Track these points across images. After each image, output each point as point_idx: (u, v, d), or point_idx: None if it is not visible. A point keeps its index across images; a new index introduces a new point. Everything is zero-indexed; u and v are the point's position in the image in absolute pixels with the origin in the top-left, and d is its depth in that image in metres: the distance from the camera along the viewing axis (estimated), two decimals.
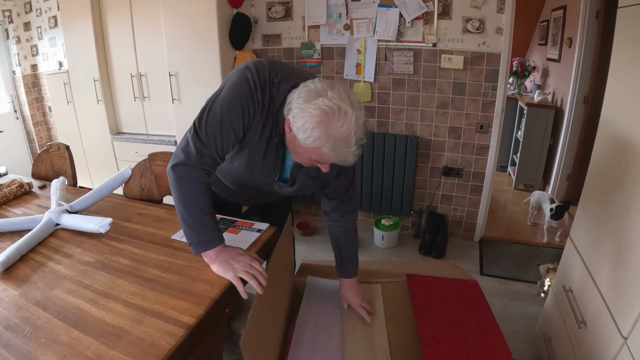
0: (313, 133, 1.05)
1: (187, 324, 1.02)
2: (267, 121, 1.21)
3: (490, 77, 2.76)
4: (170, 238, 1.46)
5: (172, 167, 1.19)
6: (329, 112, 1.04)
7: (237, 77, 1.18)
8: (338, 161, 1.12)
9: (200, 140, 1.17)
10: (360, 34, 2.94)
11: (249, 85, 1.15)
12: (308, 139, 1.07)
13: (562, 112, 3.79)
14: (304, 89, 1.10)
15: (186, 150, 1.19)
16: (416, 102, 2.99)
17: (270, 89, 1.18)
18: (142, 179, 1.86)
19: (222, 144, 1.18)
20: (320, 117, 1.04)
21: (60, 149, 2.20)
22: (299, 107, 1.07)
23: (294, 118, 1.09)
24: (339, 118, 1.04)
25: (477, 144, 2.96)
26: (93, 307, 1.10)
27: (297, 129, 1.08)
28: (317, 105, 1.04)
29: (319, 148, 1.08)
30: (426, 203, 3.28)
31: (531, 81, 4.84)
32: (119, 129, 3.71)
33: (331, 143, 1.06)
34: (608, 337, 1.26)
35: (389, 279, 1.76)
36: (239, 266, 1.19)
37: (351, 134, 1.06)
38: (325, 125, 1.04)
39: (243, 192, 1.55)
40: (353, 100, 1.08)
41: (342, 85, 1.12)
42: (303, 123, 1.06)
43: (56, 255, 1.38)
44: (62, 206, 1.62)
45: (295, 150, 1.18)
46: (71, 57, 3.63)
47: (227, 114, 1.16)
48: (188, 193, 1.19)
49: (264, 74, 1.18)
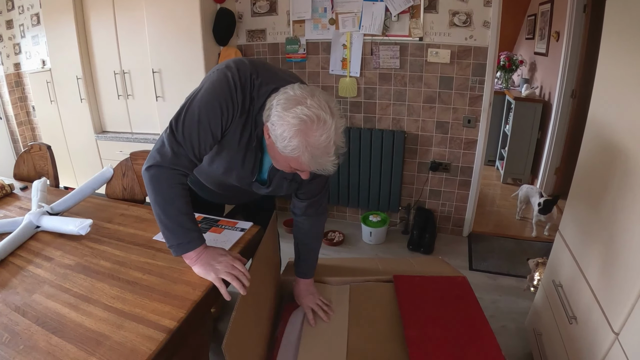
0: (291, 142, 1.02)
1: (168, 328, 1.00)
2: (247, 123, 1.18)
3: (477, 71, 2.75)
4: (152, 239, 1.44)
5: (147, 169, 1.15)
6: (308, 121, 1.01)
7: (217, 77, 1.14)
8: (317, 170, 1.09)
9: (176, 141, 1.13)
10: (345, 28, 2.91)
11: (229, 86, 1.12)
12: (286, 148, 1.04)
13: (550, 106, 3.80)
14: (283, 96, 1.06)
15: (162, 151, 1.14)
16: (403, 97, 2.98)
17: (251, 91, 1.15)
18: (125, 178, 1.83)
19: (200, 145, 1.14)
20: (298, 127, 1.01)
21: (41, 149, 2.16)
22: (278, 114, 1.04)
23: (272, 125, 1.06)
24: (317, 127, 1.01)
25: (465, 138, 2.95)
26: (72, 311, 1.08)
27: (275, 137, 1.06)
28: (295, 114, 1.01)
29: (298, 157, 1.05)
30: (414, 198, 3.28)
31: (519, 75, 4.86)
32: (103, 128, 3.65)
33: (310, 152, 1.03)
34: (599, 333, 1.25)
35: (377, 277, 1.75)
36: (220, 267, 1.17)
37: (330, 144, 1.04)
38: (303, 134, 1.01)
39: (222, 192, 1.53)
40: (333, 109, 1.06)
41: (323, 92, 1.08)
42: (281, 132, 1.03)
43: (36, 258, 1.35)
44: (43, 208, 1.58)
45: (275, 156, 1.16)
46: (54, 55, 3.56)
47: (205, 114, 1.12)
48: (164, 195, 1.15)
49: (245, 74, 1.14)
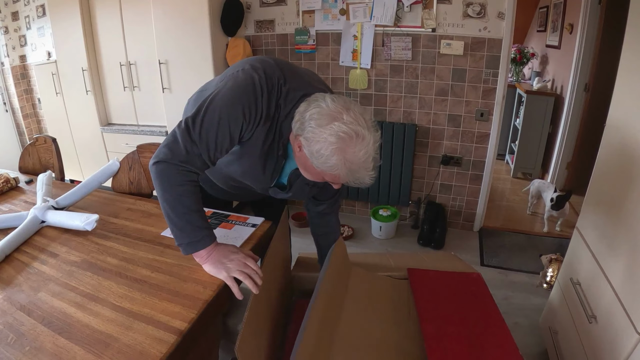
0: (330, 160, 1.00)
1: (179, 330, 0.96)
2: (270, 131, 1.14)
3: (491, 64, 2.69)
4: (160, 235, 1.40)
5: (155, 164, 1.09)
6: (346, 138, 0.98)
7: (242, 78, 1.10)
8: (354, 183, 1.07)
9: (191, 140, 1.07)
10: (356, 19, 2.85)
11: (255, 90, 1.08)
12: (324, 165, 1.02)
13: (562, 99, 3.74)
14: (315, 110, 1.02)
15: (174, 147, 1.08)
16: (414, 89, 2.92)
17: (277, 98, 1.11)
18: (131, 171, 1.79)
19: (216, 148, 1.09)
20: (337, 145, 0.98)
21: (47, 142, 2.13)
22: (312, 131, 1.01)
23: (307, 141, 1.03)
24: (356, 144, 0.99)
25: (477, 132, 2.89)
26: (79, 311, 1.04)
27: (310, 154, 1.03)
28: (332, 131, 0.98)
29: (335, 174, 1.04)
30: (425, 193, 3.22)
31: (529, 68, 4.78)
32: (109, 120, 3.63)
33: (348, 168, 1.01)
34: (621, 333, 1.21)
35: (388, 272, 1.71)
36: (232, 265, 1.13)
37: (369, 159, 1.02)
38: (342, 152, 0.99)
39: (234, 192, 1.50)
40: (369, 122, 1.02)
41: (356, 104, 1.05)
42: (318, 149, 1.00)
43: (41, 254, 1.32)
44: (48, 202, 1.55)
45: (307, 169, 1.13)
46: (59, 47, 3.54)
47: (226, 117, 1.07)
48: (173, 192, 1.09)
49: (272, 79, 1.10)
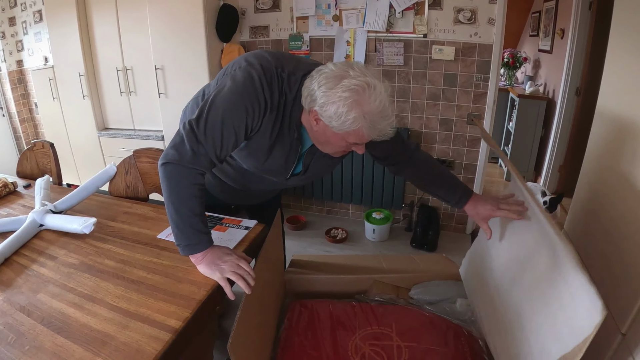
0: (349, 116, 1.03)
1: (174, 328, 0.99)
2: (278, 118, 1.18)
3: (482, 69, 2.73)
4: (156, 237, 1.43)
5: (163, 165, 1.13)
6: (360, 90, 1.02)
7: (241, 76, 1.13)
8: (377, 137, 1.10)
9: (197, 140, 1.10)
10: (349, 25, 2.90)
11: (254, 85, 1.11)
12: (345, 124, 1.05)
13: (554, 103, 3.78)
14: (321, 76, 1.06)
15: (180, 148, 1.11)
16: (407, 94, 2.96)
17: (280, 85, 1.14)
18: (128, 176, 1.82)
19: (222, 146, 1.13)
20: (352, 98, 1.02)
21: (44, 147, 2.15)
22: (324, 94, 1.04)
23: (322, 107, 1.06)
24: (370, 94, 1.02)
25: (469, 135, 2.93)
26: (77, 311, 1.07)
27: (328, 118, 1.06)
28: (344, 87, 1.02)
29: (358, 129, 1.06)
30: (417, 196, 3.26)
31: (522, 72, 4.83)
32: (106, 125, 3.65)
33: (369, 121, 1.04)
34: (606, 333, 1.23)
35: (380, 274, 1.75)
36: (226, 266, 1.16)
37: (386, 106, 1.05)
38: (359, 105, 1.02)
39: (244, 192, 1.54)
40: (375, 72, 1.07)
41: (357, 62, 1.09)
42: (335, 109, 1.03)
43: (40, 257, 1.35)
44: (46, 206, 1.57)
45: (327, 140, 1.16)
46: (56, 52, 3.55)
47: (229, 115, 1.10)
48: (179, 194, 1.13)
49: (270, 70, 1.14)
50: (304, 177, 1.38)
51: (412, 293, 1.68)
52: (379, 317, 1.52)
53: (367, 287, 1.71)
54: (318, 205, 3.60)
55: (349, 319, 1.51)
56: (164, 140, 3.31)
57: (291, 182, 1.39)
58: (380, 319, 1.51)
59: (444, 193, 1.44)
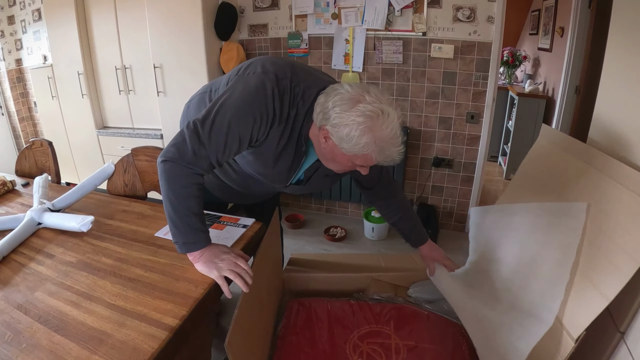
0: (360, 140, 1.04)
1: (171, 326, 0.99)
2: (286, 131, 1.18)
3: (481, 67, 2.73)
4: (153, 235, 1.43)
5: (163, 162, 1.13)
6: (374, 117, 1.03)
7: (254, 83, 1.13)
8: (385, 162, 1.12)
9: (199, 141, 1.10)
10: (348, 23, 2.89)
11: (266, 95, 1.11)
12: (356, 147, 1.06)
13: (554, 102, 3.78)
14: (337, 97, 1.07)
15: (181, 147, 1.11)
16: (406, 92, 2.96)
17: (292, 99, 1.15)
18: (126, 174, 1.82)
19: (225, 151, 1.13)
20: (366, 124, 1.02)
21: (43, 145, 2.15)
22: (339, 116, 1.04)
23: (334, 128, 1.06)
24: (383, 121, 1.03)
25: (468, 134, 2.93)
26: (74, 309, 1.07)
27: (339, 139, 1.06)
28: (359, 112, 1.03)
29: (367, 154, 1.07)
30: (416, 194, 3.26)
31: (522, 71, 4.83)
32: (105, 124, 3.65)
33: (379, 147, 1.06)
34: (604, 332, 1.23)
35: (379, 273, 1.74)
36: (223, 265, 1.16)
37: (397, 134, 1.06)
38: (372, 130, 1.03)
39: (246, 192, 1.54)
40: (389, 100, 1.08)
41: (373, 86, 1.10)
42: (348, 132, 1.04)
43: (38, 255, 1.35)
44: (45, 204, 1.57)
45: (334, 158, 1.17)
46: (55, 51, 3.55)
47: (236, 122, 1.10)
48: (177, 192, 1.13)
49: (284, 82, 1.14)
50: (304, 187, 1.38)
51: (411, 291, 1.68)
52: (377, 315, 1.52)
53: (366, 285, 1.71)
54: (317, 203, 3.60)
55: (347, 318, 1.51)
56: (162, 139, 3.31)
57: (290, 190, 1.40)
58: (379, 317, 1.51)
59: (408, 230, 1.62)
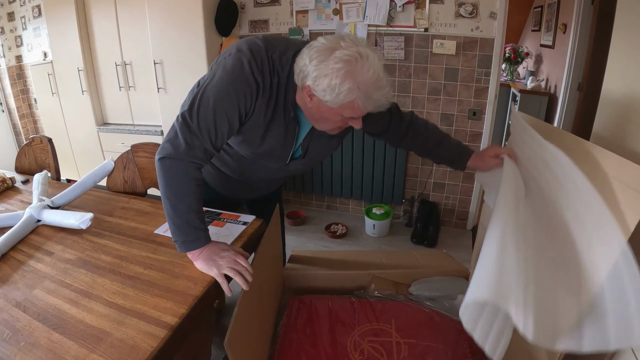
0: (342, 88, 1.01)
1: (170, 325, 0.98)
2: (272, 100, 1.16)
3: (483, 63, 2.71)
4: (153, 233, 1.42)
5: (160, 160, 1.12)
6: (352, 60, 0.99)
7: (231, 63, 1.11)
8: (373, 109, 1.08)
9: (190, 132, 1.10)
10: (349, 18, 2.87)
11: (244, 71, 1.09)
12: (339, 96, 1.02)
13: (556, 99, 3.76)
14: (312, 50, 1.04)
15: (174, 142, 1.11)
16: (407, 89, 2.94)
17: (271, 67, 1.13)
18: (126, 171, 1.81)
19: (216, 135, 1.12)
20: (345, 69, 0.99)
21: (42, 142, 2.14)
22: (317, 68, 1.02)
23: (314, 81, 1.03)
24: (363, 64, 1.00)
25: (470, 130, 2.91)
26: (73, 307, 1.07)
27: (322, 92, 1.04)
28: (337, 59, 1.00)
29: (353, 102, 1.04)
30: (418, 191, 3.25)
31: (524, 67, 4.81)
32: (105, 120, 3.64)
33: (363, 92, 1.02)
34: None
35: (380, 270, 1.73)
36: (223, 262, 1.15)
37: (380, 76, 1.02)
38: (352, 75, 1.00)
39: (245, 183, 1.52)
40: (366, 42, 1.04)
41: (347, 33, 1.06)
42: (329, 82, 1.01)
43: (37, 253, 1.34)
44: (44, 201, 1.57)
45: (322, 116, 1.14)
46: (55, 47, 3.55)
47: (220, 103, 1.09)
48: (175, 190, 1.12)
49: (260, 53, 1.12)
50: (304, 160, 1.36)
51: (412, 289, 1.67)
52: (379, 313, 1.51)
53: (367, 283, 1.70)
54: (318, 200, 3.59)
55: (348, 315, 1.50)
56: (163, 135, 3.30)
57: (292, 167, 1.38)
58: (380, 315, 1.50)
59: (444, 153, 1.45)
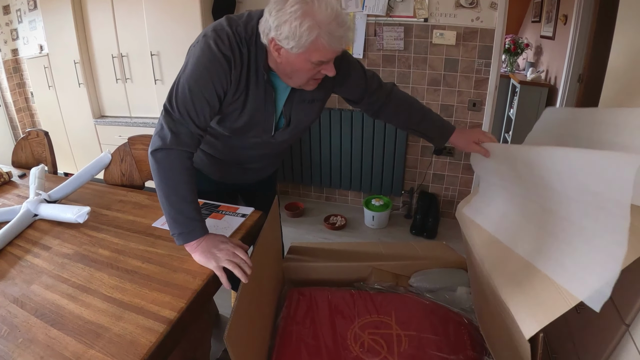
0: (302, 29, 1.02)
1: (168, 319, 0.97)
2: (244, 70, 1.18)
3: (483, 54, 2.69)
4: (151, 226, 1.41)
5: (152, 153, 1.15)
6: (308, 0, 1.02)
7: (199, 48, 1.14)
8: (340, 46, 1.10)
9: (173, 120, 1.14)
10: (348, 8, 2.83)
11: (212, 51, 1.12)
12: (301, 40, 1.04)
13: (556, 90, 3.74)
14: (270, 4, 1.07)
15: (161, 134, 1.15)
16: (407, 79, 2.92)
17: (239, 39, 1.15)
18: (123, 164, 1.79)
19: (198, 116, 1.15)
20: (301, 10, 1.02)
21: (39, 136, 2.13)
22: (276, 17, 1.05)
23: (277, 31, 1.06)
24: (319, 3, 1.02)
25: (470, 122, 2.90)
26: (71, 302, 1.06)
27: (286, 40, 1.06)
28: (292, 2, 1.02)
29: (316, 41, 1.05)
30: (417, 183, 3.24)
31: (524, 59, 4.78)
32: (102, 113, 3.61)
33: (325, 30, 1.04)
34: (608, 324, 1.20)
35: (380, 262, 1.73)
36: (221, 255, 1.14)
37: (339, 11, 1.05)
38: (310, 15, 1.02)
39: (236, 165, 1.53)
40: None
41: None
42: (289, 28, 1.03)
43: (34, 247, 1.33)
44: (40, 195, 1.55)
45: (293, 68, 1.15)
46: (51, 40, 3.51)
47: (196, 87, 1.13)
48: (169, 181, 1.15)
49: (224, 30, 1.14)
50: (289, 129, 1.37)
51: (412, 281, 1.67)
52: (378, 305, 1.50)
53: (367, 274, 1.69)
54: (317, 192, 3.58)
55: (348, 307, 1.50)
56: None
57: (279, 138, 1.38)
58: (380, 307, 1.49)
59: (426, 128, 1.47)
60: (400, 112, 1.48)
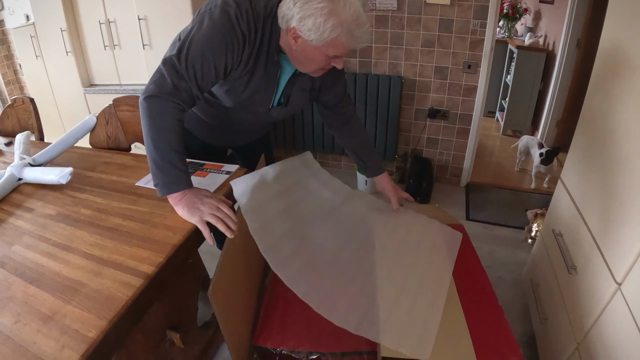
0: (327, 25, 1.06)
1: (146, 274, 0.96)
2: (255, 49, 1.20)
3: (479, 14, 2.61)
4: (134, 185, 1.39)
5: (144, 99, 1.12)
6: None
7: (218, 13, 1.13)
8: (356, 45, 1.14)
9: (177, 74, 1.12)
10: None
11: (231, 22, 1.12)
12: (324, 34, 1.07)
13: (554, 56, 3.67)
14: None
15: (160, 82, 1.13)
16: (400, 41, 2.84)
17: (256, 17, 1.16)
18: (108, 126, 1.76)
19: (203, 79, 1.15)
20: (328, 7, 1.04)
21: (25, 103, 2.10)
22: (301, 8, 1.06)
23: (300, 22, 1.08)
24: (345, 3, 1.05)
25: (465, 84, 2.84)
26: (51, 260, 1.05)
27: (307, 31, 1.08)
28: None
29: (336, 39, 1.09)
30: (411, 147, 3.21)
31: (522, 24, 4.67)
32: (91, 81, 3.54)
33: (346, 29, 1.07)
34: (600, 283, 1.20)
35: None
36: (205, 209, 1.12)
37: (360, 12, 1.08)
38: (335, 13, 1.05)
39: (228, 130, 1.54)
40: None
41: None
42: (313, 21, 1.06)
43: (17, 210, 1.31)
44: (25, 160, 1.53)
45: (307, 57, 1.18)
46: (37, 8, 3.41)
47: (209, 52, 1.13)
48: (158, 128, 1.12)
49: (244, 5, 1.14)
50: (286, 108, 1.40)
51: None
52: None
53: None
54: None
55: None
56: None
57: (274, 113, 1.41)
58: None
59: (366, 157, 1.65)
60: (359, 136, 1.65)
